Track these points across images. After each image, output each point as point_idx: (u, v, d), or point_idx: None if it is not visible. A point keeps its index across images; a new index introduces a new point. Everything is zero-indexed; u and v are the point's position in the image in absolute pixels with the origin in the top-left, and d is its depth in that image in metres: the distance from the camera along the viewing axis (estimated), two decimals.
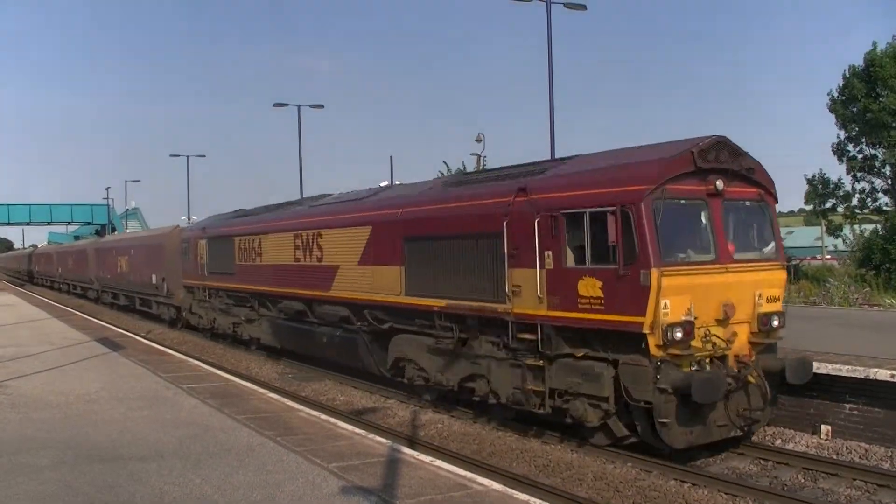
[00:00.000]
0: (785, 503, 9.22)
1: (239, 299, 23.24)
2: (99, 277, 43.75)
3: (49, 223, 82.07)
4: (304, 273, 18.42)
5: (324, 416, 12.78)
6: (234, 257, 22.72)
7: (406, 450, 10.47)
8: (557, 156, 25.05)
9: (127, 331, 28.06)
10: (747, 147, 11.28)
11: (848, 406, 11.79)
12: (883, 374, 11.16)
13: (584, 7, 26.62)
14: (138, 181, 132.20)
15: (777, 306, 11.25)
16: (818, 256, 58.81)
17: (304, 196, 44.06)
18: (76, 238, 74.21)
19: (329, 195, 20.76)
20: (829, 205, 36.15)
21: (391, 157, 58.32)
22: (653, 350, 10.09)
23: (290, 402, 14.04)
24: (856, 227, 35.85)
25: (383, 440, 11.05)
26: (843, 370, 11.61)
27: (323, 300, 17.78)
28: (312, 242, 18.01)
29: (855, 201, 34.96)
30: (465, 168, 44.98)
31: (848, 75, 36.02)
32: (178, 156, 61.66)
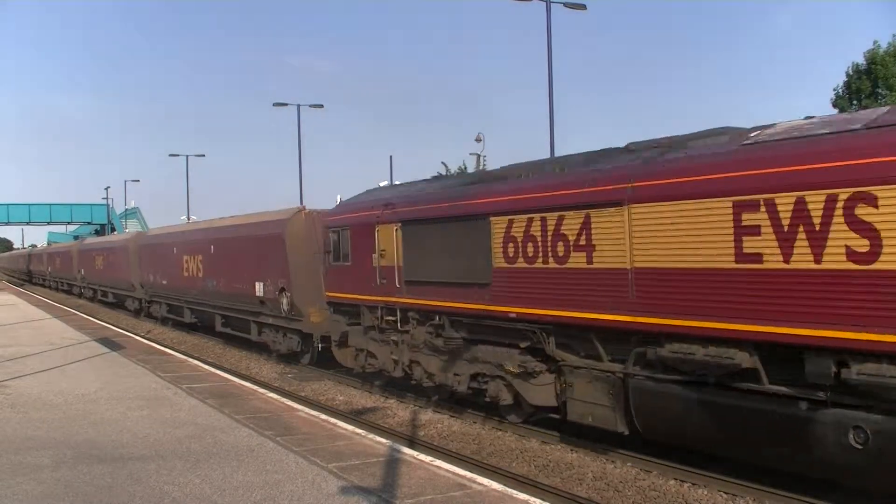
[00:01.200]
0: (785, 503, 9.20)
1: (486, 331, 12.58)
2: (146, 283, 32.65)
3: (49, 223, 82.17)
4: (780, 286, 8.33)
5: (324, 416, 12.79)
6: (494, 254, 11.99)
7: (406, 450, 10.47)
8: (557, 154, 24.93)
9: (126, 330, 28.09)
10: None
11: None
12: None
13: (584, 7, 26.65)
14: (138, 181, 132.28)
15: None
16: None
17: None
18: (76, 238, 74.16)
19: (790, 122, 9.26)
20: None
21: (391, 156, 58.26)
22: None
23: (289, 402, 14.05)
24: None
25: (383, 440, 11.05)
26: None
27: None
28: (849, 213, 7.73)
29: None
30: (465, 168, 44.95)
31: (851, 73, 36.20)
32: (178, 155, 61.68)
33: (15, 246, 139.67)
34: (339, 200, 21.72)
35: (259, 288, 20.68)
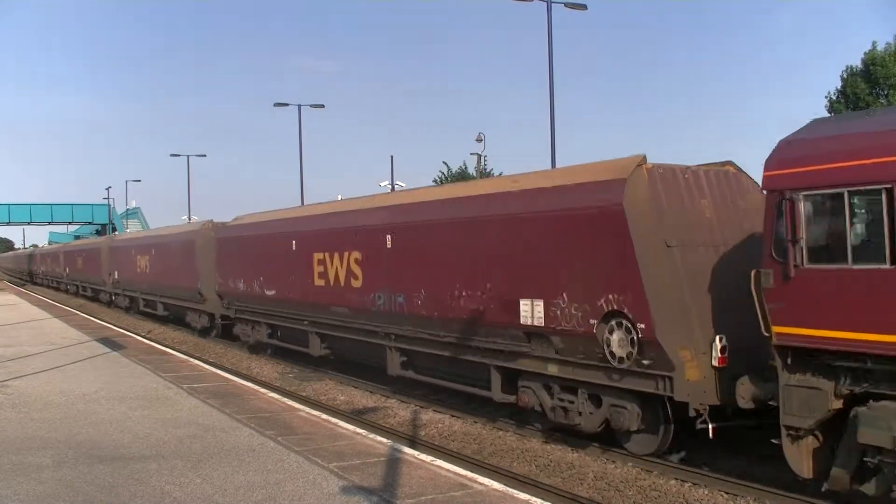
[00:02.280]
0: (785, 502, 9.21)
1: None
2: (228, 293, 23.27)
3: (50, 223, 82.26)
4: None
5: (324, 416, 12.80)
6: None
7: (407, 449, 10.48)
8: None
9: (127, 330, 28.08)
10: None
11: None
12: None
13: (584, 7, 26.65)
14: (139, 181, 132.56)
15: None
16: None
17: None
18: (76, 237, 74.16)
19: None
20: None
21: (391, 156, 58.21)
22: None
23: (290, 402, 14.06)
24: None
25: (384, 440, 11.06)
26: None
27: None
28: None
29: None
30: (465, 168, 45.23)
31: (846, 76, 36.17)
32: (179, 156, 61.64)
33: (16, 246, 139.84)
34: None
35: (532, 311, 11.51)
